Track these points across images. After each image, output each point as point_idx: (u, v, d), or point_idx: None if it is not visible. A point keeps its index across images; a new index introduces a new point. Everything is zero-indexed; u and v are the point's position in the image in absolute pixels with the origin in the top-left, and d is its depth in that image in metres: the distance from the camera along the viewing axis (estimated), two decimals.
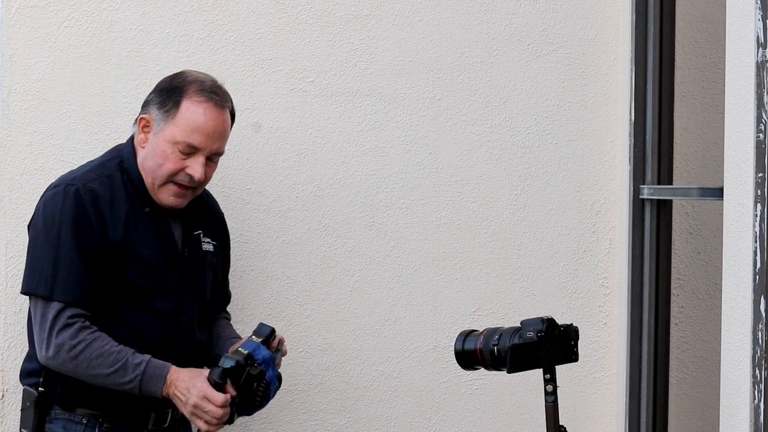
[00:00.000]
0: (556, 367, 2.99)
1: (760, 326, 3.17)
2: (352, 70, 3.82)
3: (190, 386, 3.13)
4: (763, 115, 3.16)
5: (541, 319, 2.97)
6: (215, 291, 3.46)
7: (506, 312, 3.92)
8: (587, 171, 4.03)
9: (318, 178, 3.79)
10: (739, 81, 3.21)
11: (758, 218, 3.17)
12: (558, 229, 4.01)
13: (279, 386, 3.25)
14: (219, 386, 3.13)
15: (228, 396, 3.12)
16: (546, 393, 2.98)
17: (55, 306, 3.16)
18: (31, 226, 3.29)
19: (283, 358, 3.30)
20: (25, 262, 3.25)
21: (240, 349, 3.18)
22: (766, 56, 3.15)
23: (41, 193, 3.49)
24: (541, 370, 2.97)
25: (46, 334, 3.16)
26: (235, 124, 3.37)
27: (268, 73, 3.74)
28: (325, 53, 3.79)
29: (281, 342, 3.29)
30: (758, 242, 3.17)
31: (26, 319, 3.39)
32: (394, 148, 3.86)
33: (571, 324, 3.03)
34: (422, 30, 3.87)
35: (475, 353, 3.06)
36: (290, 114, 3.77)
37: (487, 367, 3.06)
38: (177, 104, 3.22)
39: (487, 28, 3.93)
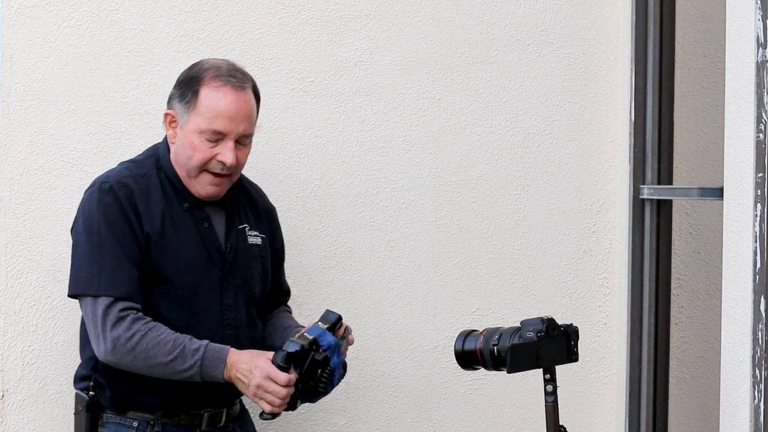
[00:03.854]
0: (556, 367, 2.99)
1: (760, 326, 3.17)
2: (352, 70, 3.82)
3: (252, 367, 3.11)
4: (763, 115, 3.16)
5: (541, 319, 2.97)
6: (267, 284, 3.42)
7: (506, 312, 3.93)
8: (587, 171, 4.03)
9: (318, 178, 3.79)
10: (739, 81, 3.22)
11: (758, 218, 3.18)
12: (558, 229, 4.01)
13: (344, 374, 3.23)
14: (283, 370, 3.10)
15: (292, 376, 3.09)
16: (546, 393, 2.98)
17: (103, 301, 3.14)
18: (72, 231, 3.29)
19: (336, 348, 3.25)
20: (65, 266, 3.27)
21: (306, 334, 3.15)
22: (766, 56, 3.15)
23: (41, 193, 3.52)
24: (541, 370, 2.97)
25: (100, 329, 3.14)
26: None
27: (268, 73, 3.74)
28: (325, 53, 3.80)
29: (347, 330, 3.27)
30: (758, 242, 3.17)
31: (77, 325, 3.41)
32: (394, 148, 3.86)
33: (571, 324, 3.03)
34: (422, 30, 3.87)
35: (475, 353, 3.06)
36: (290, 114, 3.77)
37: (487, 367, 3.06)
38: (196, 93, 3.21)
39: (487, 28, 3.93)
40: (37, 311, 3.53)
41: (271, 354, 3.14)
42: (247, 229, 3.36)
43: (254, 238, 3.37)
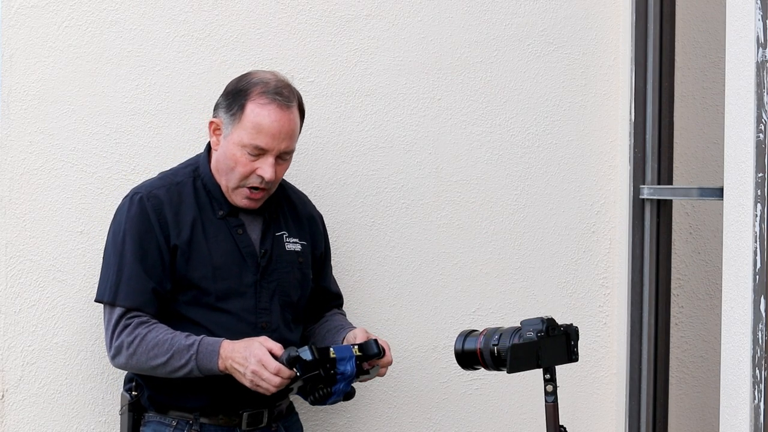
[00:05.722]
0: (556, 367, 2.99)
1: (760, 326, 3.17)
2: (352, 70, 3.82)
3: (247, 355, 3.14)
4: (763, 115, 3.16)
5: (541, 319, 2.97)
6: (306, 290, 3.45)
7: (506, 312, 3.93)
8: (587, 171, 4.03)
9: (318, 178, 3.79)
10: (739, 81, 3.22)
11: (758, 218, 3.17)
12: (558, 229, 4.01)
13: (343, 400, 3.22)
14: (283, 365, 3.12)
15: (282, 368, 3.10)
16: (546, 393, 2.98)
17: (117, 311, 3.25)
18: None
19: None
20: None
21: (331, 348, 3.16)
22: (766, 56, 3.15)
23: (41, 193, 3.52)
24: (541, 370, 2.97)
25: (109, 337, 3.25)
26: None
27: None
28: (325, 53, 3.79)
29: (376, 367, 3.26)
30: (758, 242, 3.17)
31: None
32: (394, 148, 3.86)
33: (571, 324, 3.03)
34: (422, 30, 3.87)
35: (475, 353, 3.06)
36: None
37: (487, 367, 3.06)
38: (242, 107, 3.27)
39: (487, 28, 3.93)
40: (37, 311, 3.53)
41: (263, 339, 3.17)
42: (285, 236, 3.42)
43: (293, 245, 3.43)
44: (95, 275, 3.49)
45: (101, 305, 3.33)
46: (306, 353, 3.12)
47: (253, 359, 3.12)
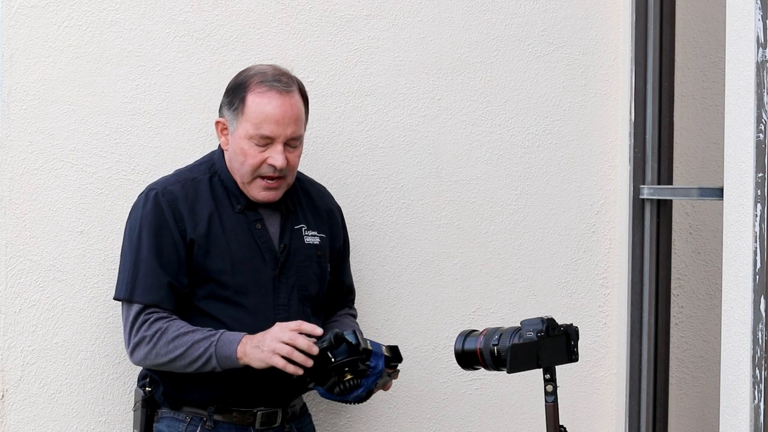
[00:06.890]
0: (556, 367, 2.99)
1: (760, 326, 3.17)
2: (352, 70, 3.82)
3: (271, 330, 3.16)
4: (763, 115, 3.16)
5: (541, 319, 2.97)
6: (324, 283, 3.46)
7: (506, 312, 3.93)
8: (587, 171, 4.03)
9: (318, 178, 3.79)
10: (739, 81, 3.22)
11: (758, 218, 3.18)
12: (558, 229, 4.01)
13: (357, 401, 3.23)
14: (324, 348, 3.12)
15: (306, 326, 3.13)
16: (546, 393, 2.98)
17: (135, 307, 3.25)
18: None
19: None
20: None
21: (369, 341, 3.20)
22: (766, 56, 3.15)
23: (41, 193, 3.52)
24: (541, 370, 2.97)
25: (128, 334, 3.26)
26: None
27: None
28: (325, 53, 3.80)
29: (395, 372, 3.30)
30: (758, 242, 3.17)
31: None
32: (394, 148, 3.86)
33: (571, 324, 3.04)
34: (422, 30, 3.87)
35: (475, 353, 3.06)
36: None
37: (487, 367, 3.06)
38: (243, 100, 3.28)
39: (487, 28, 3.93)
40: (37, 311, 3.53)
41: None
42: (304, 229, 3.42)
43: (312, 238, 3.43)
44: (95, 275, 3.50)
45: (104, 305, 3.34)
46: (351, 336, 3.14)
47: (277, 328, 3.15)
